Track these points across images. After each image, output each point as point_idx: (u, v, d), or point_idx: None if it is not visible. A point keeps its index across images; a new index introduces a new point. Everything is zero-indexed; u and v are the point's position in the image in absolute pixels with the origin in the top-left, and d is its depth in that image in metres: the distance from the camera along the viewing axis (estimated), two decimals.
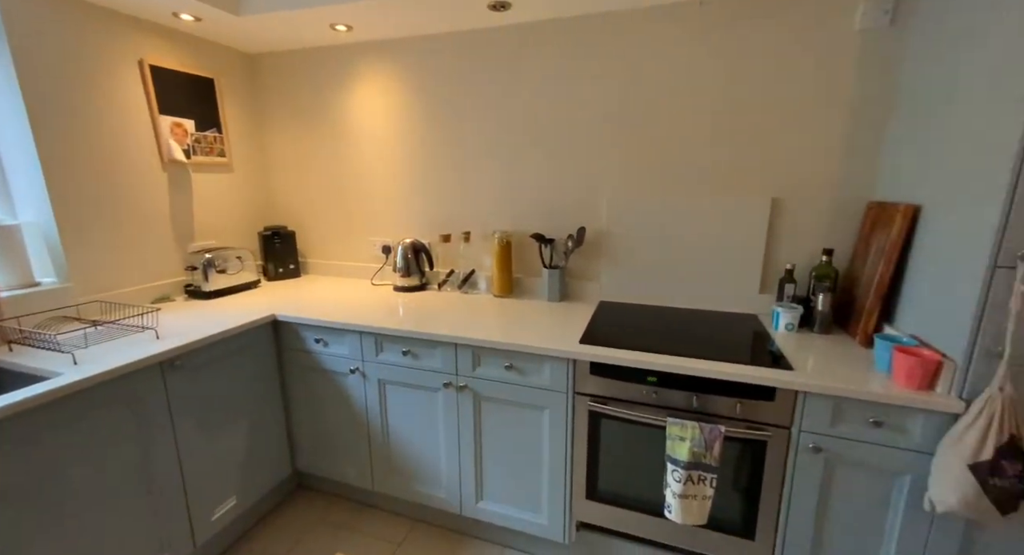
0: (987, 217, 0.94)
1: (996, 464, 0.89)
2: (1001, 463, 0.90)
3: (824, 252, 1.45)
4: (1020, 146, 0.88)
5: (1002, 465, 0.90)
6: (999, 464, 0.90)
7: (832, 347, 1.30)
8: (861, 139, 1.43)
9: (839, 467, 1.12)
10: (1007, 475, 0.89)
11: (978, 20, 1.04)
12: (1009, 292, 0.91)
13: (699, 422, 1.18)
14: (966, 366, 0.98)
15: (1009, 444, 0.90)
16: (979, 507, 0.91)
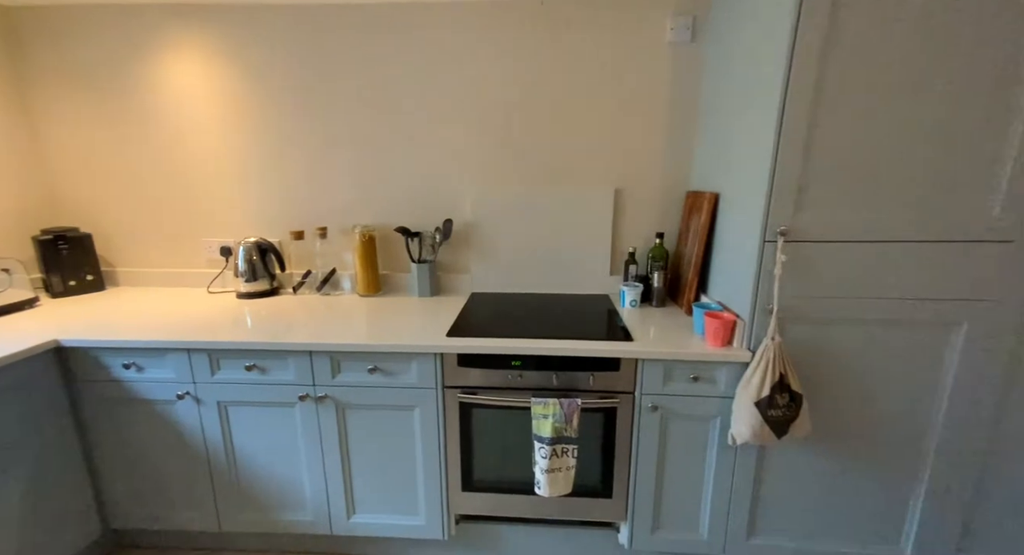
0: (757, 203, 1.17)
1: (772, 399, 1.13)
2: (775, 397, 1.13)
3: (657, 236, 1.67)
4: (774, 148, 1.10)
5: (775, 399, 1.13)
6: (773, 398, 1.13)
7: (666, 318, 1.51)
8: (679, 137, 1.67)
9: (671, 420, 1.30)
10: (779, 406, 1.13)
11: (738, 42, 1.28)
12: (774, 262, 1.14)
13: (559, 398, 1.26)
14: (751, 323, 1.21)
15: (780, 381, 1.14)
16: (763, 434, 1.15)
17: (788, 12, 1.03)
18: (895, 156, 1.08)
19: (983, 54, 1.00)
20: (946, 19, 0.99)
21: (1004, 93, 1.01)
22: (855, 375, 1.21)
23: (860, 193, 1.11)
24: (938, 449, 1.20)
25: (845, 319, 1.18)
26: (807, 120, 1.07)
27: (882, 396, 1.22)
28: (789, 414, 1.14)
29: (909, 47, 1.01)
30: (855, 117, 1.06)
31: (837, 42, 1.02)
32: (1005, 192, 1.04)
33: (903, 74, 1.03)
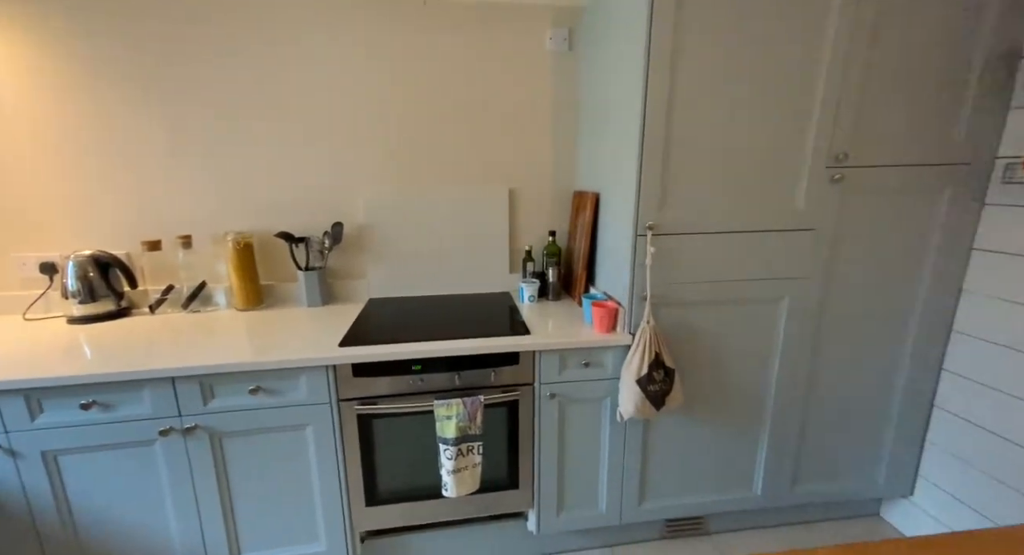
0: (629, 201, 1.30)
1: (650, 376, 1.27)
2: (652, 374, 1.27)
3: (550, 234, 1.77)
4: (639, 151, 1.24)
5: (653, 375, 1.28)
6: (651, 375, 1.27)
7: (561, 310, 1.60)
8: (564, 140, 1.78)
9: (568, 405, 1.39)
10: (656, 381, 1.28)
11: (606, 53, 1.41)
12: (646, 254, 1.29)
13: (462, 398, 1.27)
14: (630, 309, 1.35)
15: (656, 360, 1.28)
16: (644, 409, 1.28)
17: (641, 30, 1.17)
18: (731, 161, 1.28)
19: (790, 77, 1.24)
20: (762, 48, 1.21)
21: (799, 112, 1.26)
22: (713, 349, 1.42)
23: (707, 192, 1.29)
24: (773, 406, 1.46)
25: (702, 301, 1.37)
26: (664, 128, 1.22)
27: (734, 365, 1.44)
28: (665, 388, 1.30)
29: (730, 72, 1.22)
30: (701, 126, 1.24)
31: (681, 58, 1.19)
32: (805, 190, 1.31)
33: (727, 95, 1.23)
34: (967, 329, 1.41)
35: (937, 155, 1.30)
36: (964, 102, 1.28)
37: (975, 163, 1.31)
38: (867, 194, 1.32)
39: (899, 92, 1.26)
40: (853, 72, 1.22)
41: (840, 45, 1.20)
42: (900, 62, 1.24)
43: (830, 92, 1.23)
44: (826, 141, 1.27)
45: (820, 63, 1.21)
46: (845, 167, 1.29)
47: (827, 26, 1.20)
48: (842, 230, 1.35)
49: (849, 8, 1.18)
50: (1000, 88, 1.27)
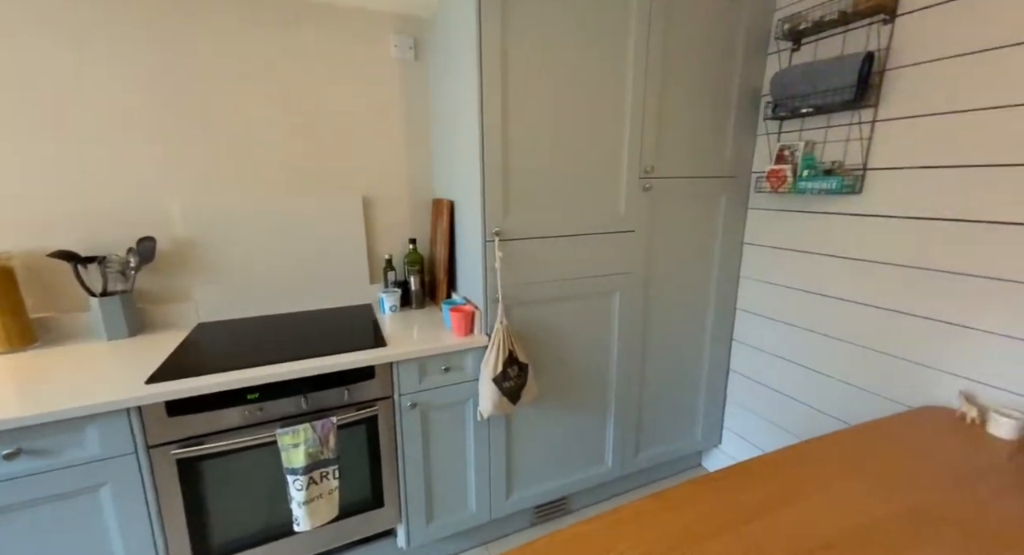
0: (477, 208, 1.36)
1: (505, 373, 1.34)
2: (507, 371, 1.35)
3: (410, 241, 1.75)
4: (480, 164, 1.31)
5: (508, 372, 1.35)
6: (506, 372, 1.34)
7: (424, 318, 1.59)
8: (418, 149, 1.79)
9: (430, 412, 1.39)
10: (511, 378, 1.36)
11: (449, 65, 1.46)
12: (495, 258, 1.36)
13: (311, 422, 1.17)
14: (485, 311, 1.41)
15: (510, 357, 1.36)
16: (502, 405, 1.35)
17: (472, 47, 1.24)
18: (565, 174, 1.43)
19: (609, 93, 1.43)
20: (585, 67, 1.38)
21: (615, 133, 1.47)
22: (562, 342, 1.56)
23: (546, 201, 1.42)
24: (616, 386, 1.67)
25: (549, 298, 1.50)
26: (501, 143, 1.31)
27: (581, 354, 1.60)
28: (520, 382, 1.38)
29: (558, 94, 1.37)
30: (537, 142, 1.36)
31: (511, 81, 1.29)
32: (625, 197, 1.53)
33: (556, 117, 1.38)
34: (745, 306, 1.79)
35: (715, 169, 1.64)
36: (729, 129, 1.63)
37: (739, 176, 1.69)
38: (670, 200, 1.60)
39: (686, 119, 1.55)
40: (651, 101, 1.47)
41: (638, 83, 1.43)
42: (684, 96, 1.52)
43: (636, 117, 1.45)
44: (637, 157, 1.50)
45: (627, 90, 1.43)
46: (652, 178, 1.54)
47: (626, 75, 1.41)
48: (655, 231, 1.61)
49: (641, 45, 1.41)
50: (749, 119, 1.66)
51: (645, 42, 1.41)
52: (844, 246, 1.43)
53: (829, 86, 1.31)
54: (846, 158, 1.39)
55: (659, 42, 1.43)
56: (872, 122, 1.32)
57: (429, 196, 1.84)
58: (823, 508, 0.87)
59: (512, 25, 1.25)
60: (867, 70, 1.25)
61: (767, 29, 1.58)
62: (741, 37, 1.55)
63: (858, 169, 1.36)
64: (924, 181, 1.22)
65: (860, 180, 1.36)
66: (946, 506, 0.87)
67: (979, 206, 1.12)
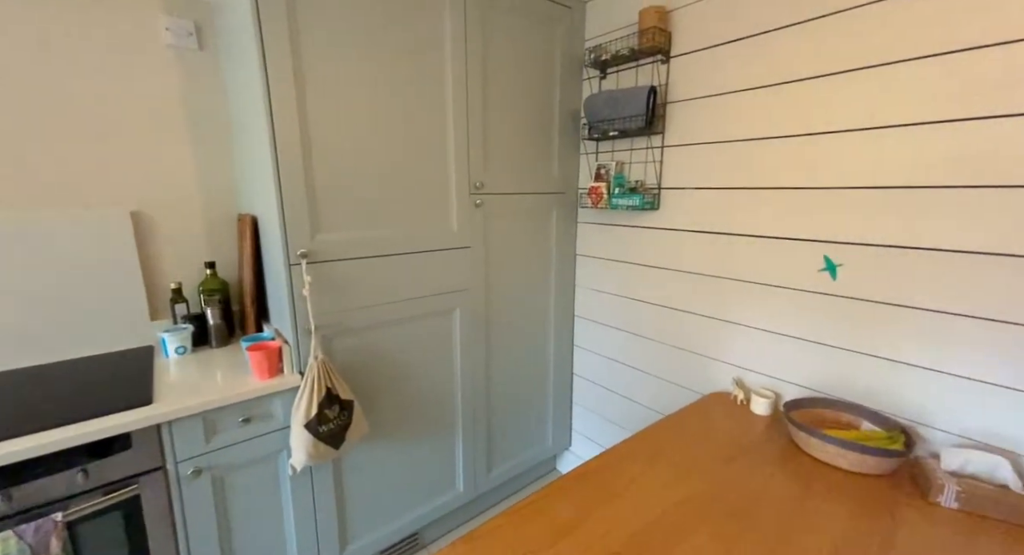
0: (277, 226, 1.17)
1: (321, 415, 1.17)
2: (324, 413, 1.18)
3: (207, 265, 1.45)
4: (275, 171, 1.13)
5: (325, 414, 1.18)
6: (323, 414, 1.17)
7: (226, 360, 1.32)
8: (213, 154, 1.49)
9: (228, 475, 1.14)
10: (330, 420, 1.19)
11: (237, 59, 1.24)
12: (303, 283, 1.18)
13: (18, 526, 0.85)
14: (297, 346, 1.22)
15: (327, 396, 1.19)
16: (320, 453, 1.18)
17: (252, 40, 1.06)
18: (392, 189, 1.33)
19: (430, 109, 1.37)
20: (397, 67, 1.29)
21: (441, 144, 1.42)
22: (400, 368, 1.45)
23: (367, 216, 1.30)
24: (462, 406, 1.62)
25: (381, 323, 1.37)
26: (301, 150, 1.15)
27: (423, 377, 1.51)
28: (342, 423, 1.22)
29: (373, 102, 1.26)
30: (354, 155, 1.23)
31: (307, 74, 1.14)
32: (456, 214, 1.49)
33: (372, 127, 1.27)
34: (582, 314, 1.91)
35: (544, 186, 1.71)
36: (554, 147, 1.72)
37: (567, 193, 1.79)
38: (503, 216, 1.61)
39: (512, 137, 1.57)
40: (475, 119, 1.45)
41: (459, 100, 1.40)
42: (508, 115, 1.54)
43: (460, 134, 1.42)
44: (465, 173, 1.47)
45: (447, 106, 1.39)
46: (483, 194, 1.53)
47: (446, 92, 1.37)
48: (491, 246, 1.60)
49: (459, 65, 1.39)
50: (572, 138, 1.77)
51: (463, 62, 1.38)
52: (649, 256, 1.60)
53: (627, 113, 1.45)
54: (646, 178, 1.57)
55: (478, 62, 1.42)
56: (661, 147, 1.50)
57: (233, 210, 1.55)
58: (629, 506, 0.92)
59: (304, 19, 1.10)
60: (653, 101, 1.42)
61: (580, 56, 1.70)
62: (558, 61, 1.65)
63: (655, 188, 1.54)
64: (701, 200, 1.43)
65: (657, 198, 1.54)
66: (717, 487, 0.98)
67: (741, 222, 1.34)
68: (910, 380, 1.07)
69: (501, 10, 1.45)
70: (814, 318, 1.21)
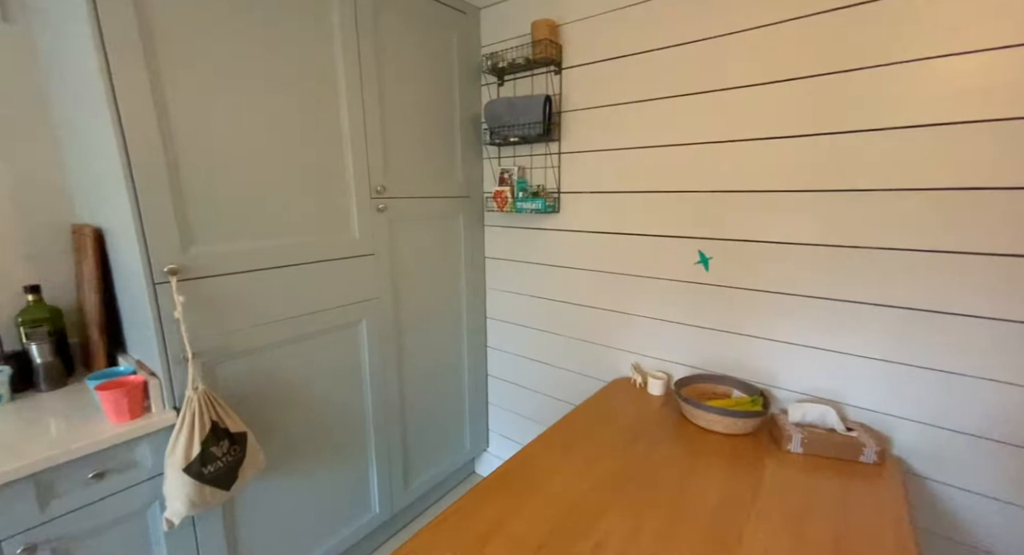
0: (134, 240, 0.98)
1: (205, 454, 1.01)
2: (209, 451, 1.02)
3: (29, 290, 1.15)
4: (125, 172, 0.94)
5: (211, 452, 1.02)
6: (208, 452, 1.02)
7: (61, 404, 1.06)
8: (29, 151, 1.19)
9: (77, 547, 0.92)
10: (217, 458, 1.04)
11: (60, 33, 1.02)
12: (174, 304, 1.01)
13: None
14: (168, 378, 1.04)
15: (213, 431, 1.04)
16: (207, 498, 1.02)
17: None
18: (280, 193, 1.20)
19: (322, 111, 1.26)
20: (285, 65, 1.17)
21: (336, 147, 1.33)
22: (304, 388, 1.32)
23: (256, 225, 1.16)
24: (375, 421, 1.53)
25: (277, 342, 1.24)
26: (161, 144, 0.98)
27: (330, 396, 1.39)
28: (234, 459, 1.07)
29: (254, 101, 1.13)
30: (224, 152, 1.08)
31: (172, 62, 0.98)
32: (357, 220, 1.40)
33: (255, 131, 1.14)
34: (494, 315, 1.94)
35: (449, 190, 1.70)
36: (457, 152, 1.72)
37: (473, 196, 1.80)
38: (409, 220, 1.56)
39: (413, 141, 1.53)
40: (373, 122, 1.38)
41: (354, 102, 1.32)
42: (409, 119, 1.50)
43: (357, 138, 1.34)
44: (365, 177, 1.39)
45: (342, 109, 1.30)
46: (385, 198, 1.47)
47: (339, 94, 1.29)
48: (398, 252, 1.54)
49: (352, 66, 1.31)
50: (474, 143, 1.79)
51: (356, 60, 1.31)
52: (553, 256, 1.69)
53: (525, 120, 1.51)
54: (546, 182, 1.65)
55: (372, 62, 1.36)
56: (559, 154, 1.59)
57: (65, 220, 1.26)
58: (550, 497, 0.96)
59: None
60: (549, 110, 1.50)
61: (478, 62, 1.73)
62: (456, 66, 1.65)
63: (555, 192, 1.63)
64: (596, 203, 1.54)
65: (558, 201, 1.63)
66: (625, 464, 1.08)
67: (631, 222, 1.48)
68: (765, 351, 1.29)
69: (395, 10, 1.41)
70: (693, 305, 1.39)
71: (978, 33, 0.92)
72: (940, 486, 1.09)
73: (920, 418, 1.09)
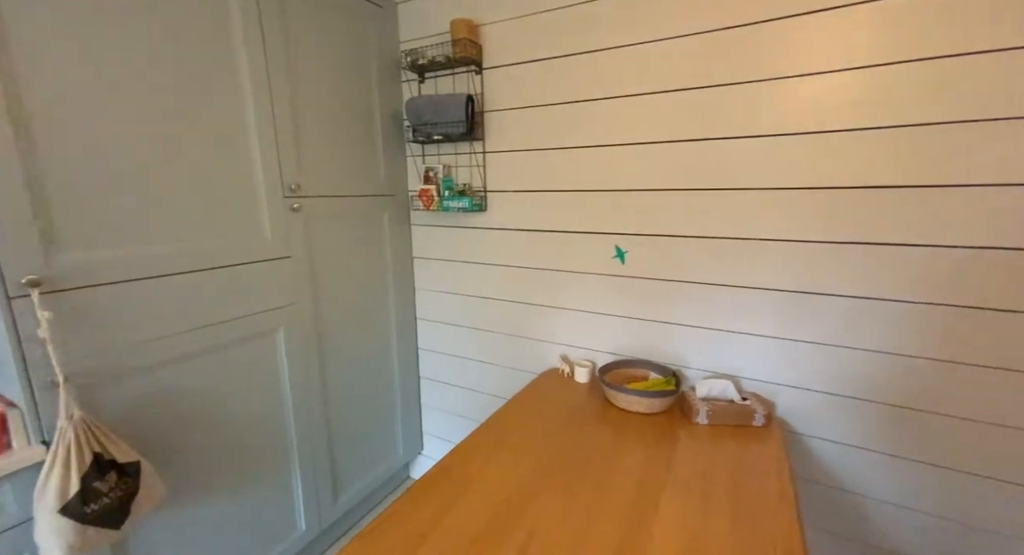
0: None
1: (87, 491, 0.88)
2: (93, 486, 0.89)
3: None
4: None
5: (95, 488, 0.89)
6: (91, 489, 0.89)
7: None
8: None
9: None
10: (104, 493, 0.91)
11: None
12: (37, 321, 0.87)
13: None
14: (33, 407, 0.89)
15: (95, 463, 0.91)
16: (91, 539, 0.89)
17: None
18: (178, 190, 1.08)
19: (222, 105, 1.15)
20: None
21: (244, 141, 1.22)
22: (212, 405, 1.20)
23: (146, 227, 1.03)
24: (297, 434, 1.44)
25: (178, 357, 1.11)
26: (10, 127, 0.83)
27: (244, 412, 1.28)
28: (124, 492, 0.94)
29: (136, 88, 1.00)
30: (101, 141, 0.95)
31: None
32: (269, 220, 1.30)
33: (139, 118, 1.01)
34: (424, 315, 1.91)
35: (372, 188, 1.64)
36: (379, 149, 1.66)
37: (397, 195, 1.76)
38: (328, 220, 1.48)
39: (329, 138, 1.45)
40: (284, 117, 1.29)
41: (261, 96, 1.23)
42: (324, 115, 1.42)
43: (265, 134, 1.25)
44: (276, 175, 1.30)
45: (246, 103, 1.20)
46: (300, 197, 1.38)
47: (243, 86, 1.19)
48: (318, 253, 1.46)
49: (256, 56, 1.22)
50: (397, 140, 1.74)
51: (260, 47, 1.22)
52: (482, 254, 1.70)
53: (448, 119, 1.50)
54: (472, 181, 1.66)
55: (279, 50, 1.27)
56: (483, 153, 1.61)
57: None
58: (484, 490, 0.97)
59: None
60: (471, 109, 1.51)
61: (397, 57, 1.68)
62: (375, 61, 1.59)
63: (481, 191, 1.64)
64: (521, 201, 1.58)
65: (484, 200, 1.65)
66: (556, 450, 1.12)
67: (554, 220, 1.54)
68: (676, 335, 1.42)
69: None
70: (614, 296, 1.49)
71: (833, 56, 1.10)
72: (810, 439, 1.29)
73: (796, 384, 1.27)
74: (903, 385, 1.15)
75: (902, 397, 1.16)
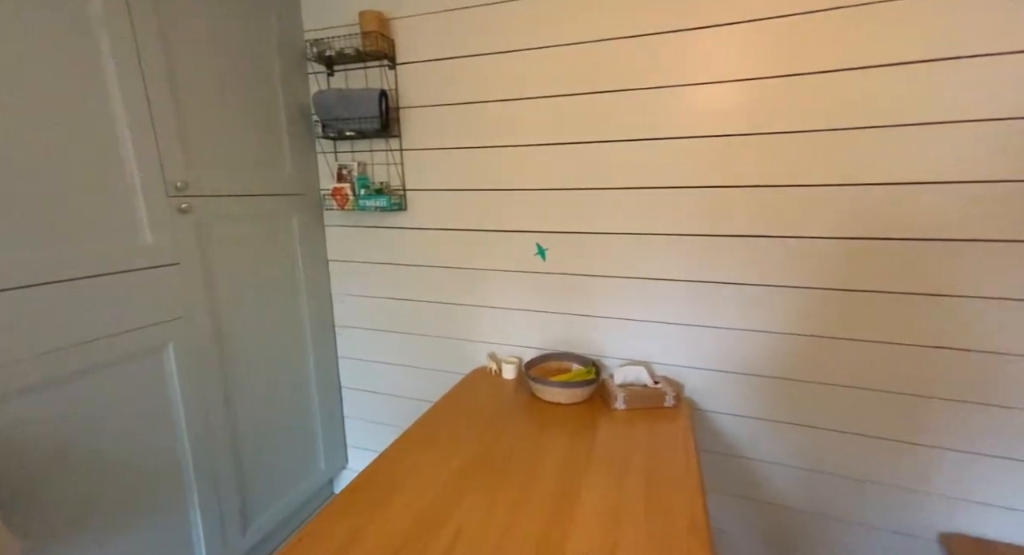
0: None
1: None
2: None
3: None
4: None
5: None
6: None
7: None
8: None
9: None
10: None
11: None
12: None
13: None
14: None
15: None
16: None
17: None
18: (17, 192, 0.90)
19: (80, 96, 0.98)
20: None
21: (112, 134, 1.06)
22: (87, 437, 1.03)
23: None
24: (195, 461, 1.28)
25: (34, 385, 0.93)
26: None
27: (129, 442, 1.12)
28: None
29: None
30: None
31: None
32: (149, 223, 1.14)
33: None
34: (343, 322, 1.81)
35: (278, 187, 1.51)
36: (284, 145, 1.54)
37: (308, 194, 1.64)
38: (226, 222, 1.34)
39: (227, 131, 1.32)
40: (164, 108, 1.15)
41: (132, 85, 1.07)
42: (214, 107, 1.29)
43: (139, 123, 1.09)
44: (158, 172, 1.15)
45: (111, 92, 1.04)
46: (189, 196, 1.23)
47: (106, 71, 1.03)
48: (214, 259, 1.31)
49: (125, 40, 1.07)
50: (305, 136, 1.63)
51: (131, 33, 1.06)
52: (403, 255, 1.65)
53: (360, 114, 1.44)
54: (390, 179, 1.60)
55: (152, 34, 1.12)
56: (400, 150, 1.57)
57: None
58: (410, 494, 0.95)
59: None
60: (385, 105, 1.45)
61: (301, 48, 1.57)
62: (275, 50, 1.47)
63: (400, 190, 1.59)
64: (443, 201, 1.56)
65: (404, 199, 1.60)
66: (483, 448, 1.12)
67: (477, 219, 1.54)
68: (595, 327, 1.49)
69: None
70: (537, 292, 1.53)
71: (717, 68, 1.22)
72: (713, 414, 1.43)
73: (699, 365, 1.41)
74: (781, 360, 1.32)
75: (781, 370, 1.33)
